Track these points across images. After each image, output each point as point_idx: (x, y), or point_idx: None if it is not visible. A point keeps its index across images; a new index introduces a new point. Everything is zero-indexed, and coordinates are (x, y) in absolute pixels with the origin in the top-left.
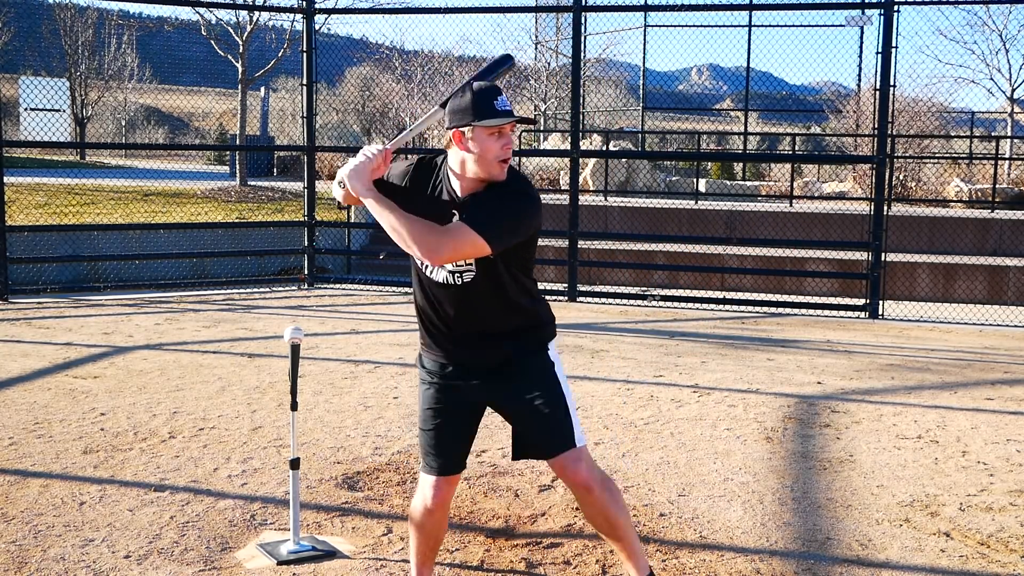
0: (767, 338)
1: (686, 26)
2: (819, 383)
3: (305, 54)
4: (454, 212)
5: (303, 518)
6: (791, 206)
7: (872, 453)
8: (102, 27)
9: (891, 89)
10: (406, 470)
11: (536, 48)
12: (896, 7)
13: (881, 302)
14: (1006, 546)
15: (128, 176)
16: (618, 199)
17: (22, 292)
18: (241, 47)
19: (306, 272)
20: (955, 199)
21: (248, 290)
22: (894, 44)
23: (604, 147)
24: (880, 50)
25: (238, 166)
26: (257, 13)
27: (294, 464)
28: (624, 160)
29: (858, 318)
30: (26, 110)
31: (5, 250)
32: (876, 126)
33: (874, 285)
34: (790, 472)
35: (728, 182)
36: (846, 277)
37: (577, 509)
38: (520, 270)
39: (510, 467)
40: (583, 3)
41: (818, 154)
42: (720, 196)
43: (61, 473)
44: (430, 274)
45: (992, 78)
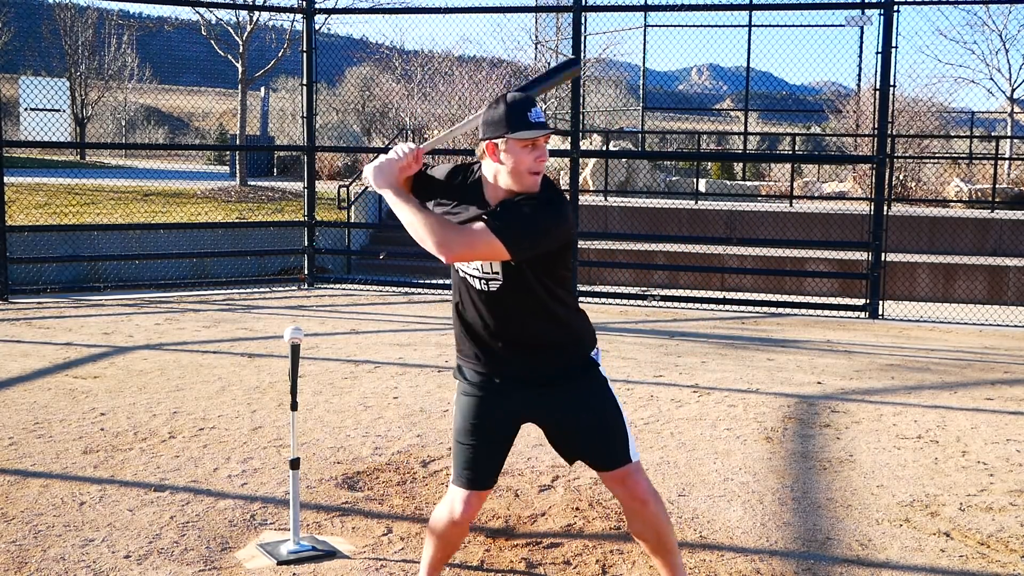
0: (767, 338)
1: (686, 26)
2: (819, 383)
3: (305, 54)
4: (483, 217)
5: (303, 518)
6: (791, 206)
7: (872, 453)
8: (102, 27)
9: (891, 89)
10: (406, 470)
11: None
12: (896, 7)
13: (881, 302)
14: (1006, 546)
15: (128, 176)
16: (618, 199)
17: (22, 292)
18: (241, 47)
19: (306, 272)
20: (955, 199)
21: (248, 290)
22: (894, 44)
23: (604, 147)
24: (880, 50)
25: (238, 166)
26: (257, 13)
27: (294, 464)
28: (624, 160)
29: (858, 318)
30: (26, 110)
31: (5, 250)
32: (876, 126)
33: (874, 285)
34: (790, 472)
35: (728, 182)
36: (846, 277)
37: (577, 509)
38: (554, 281)
39: (510, 467)
40: (583, 3)
41: (818, 154)
42: (720, 196)
43: (61, 473)
44: (468, 280)
45: (992, 78)
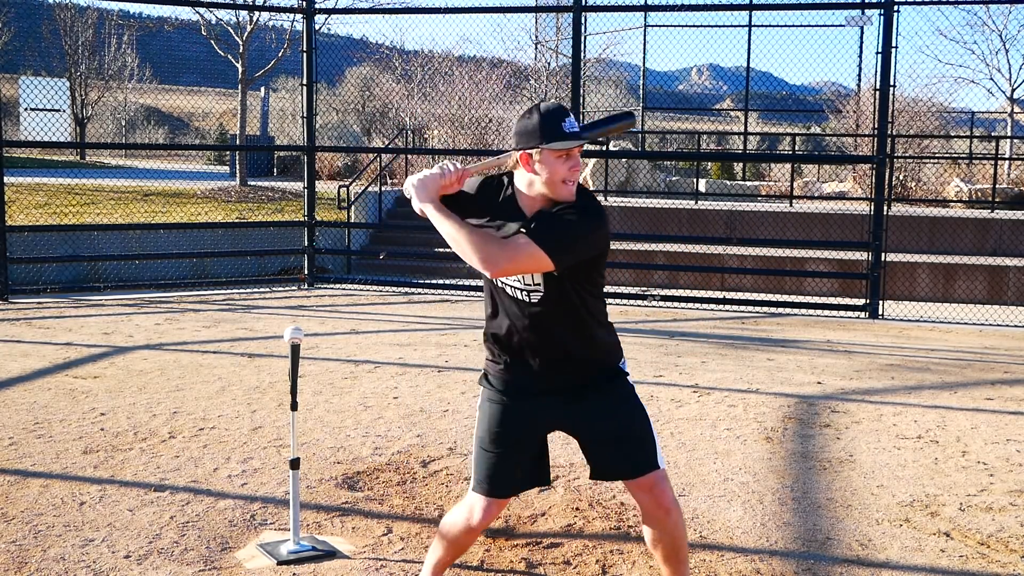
0: (767, 338)
1: (686, 26)
2: (819, 383)
3: (305, 54)
4: (521, 229)
5: (303, 518)
6: (791, 206)
7: (872, 453)
8: (102, 27)
9: (891, 89)
10: (406, 470)
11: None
12: (896, 7)
13: (881, 302)
14: (1006, 546)
15: (128, 176)
16: (618, 199)
17: (22, 292)
18: (241, 47)
19: (306, 272)
20: (955, 199)
21: (248, 290)
22: (894, 44)
23: (604, 147)
24: (880, 50)
25: (238, 166)
26: (257, 13)
27: (294, 464)
28: (624, 160)
29: (858, 318)
30: (26, 110)
31: (5, 250)
32: (876, 126)
33: (874, 285)
34: (790, 472)
35: (728, 182)
36: (846, 277)
37: (577, 509)
38: (591, 288)
39: None
40: (583, 3)
41: (818, 154)
42: (720, 196)
43: (61, 473)
44: (504, 289)
45: (992, 78)
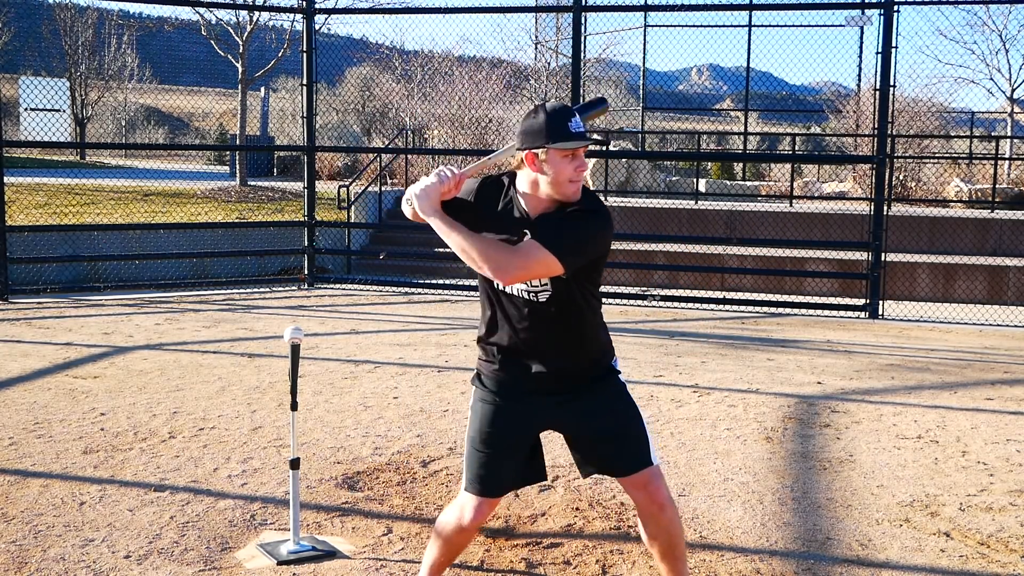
0: (767, 338)
1: (686, 26)
2: (819, 383)
3: (305, 54)
4: (525, 232)
5: (303, 518)
6: (791, 206)
7: (872, 453)
8: (102, 27)
9: (891, 89)
10: (406, 470)
11: (536, 48)
12: (896, 7)
13: (881, 302)
14: (1006, 546)
15: (128, 176)
16: (618, 199)
17: (22, 292)
18: (241, 47)
19: (306, 272)
20: (955, 199)
21: (248, 290)
22: (894, 44)
23: (604, 147)
24: (880, 50)
25: (238, 166)
26: (257, 13)
27: (294, 464)
28: (624, 160)
29: (858, 318)
30: (26, 110)
31: (5, 250)
32: (876, 126)
33: (874, 285)
34: (790, 472)
35: (728, 182)
36: (846, 277)
37: (577, 509)
38: (592, 287)
39: None
40: (583, 3)
41: (818, 154)
42: (720, 196)
43: (61, 473)
44: (506, 290)
45: (992, 78)
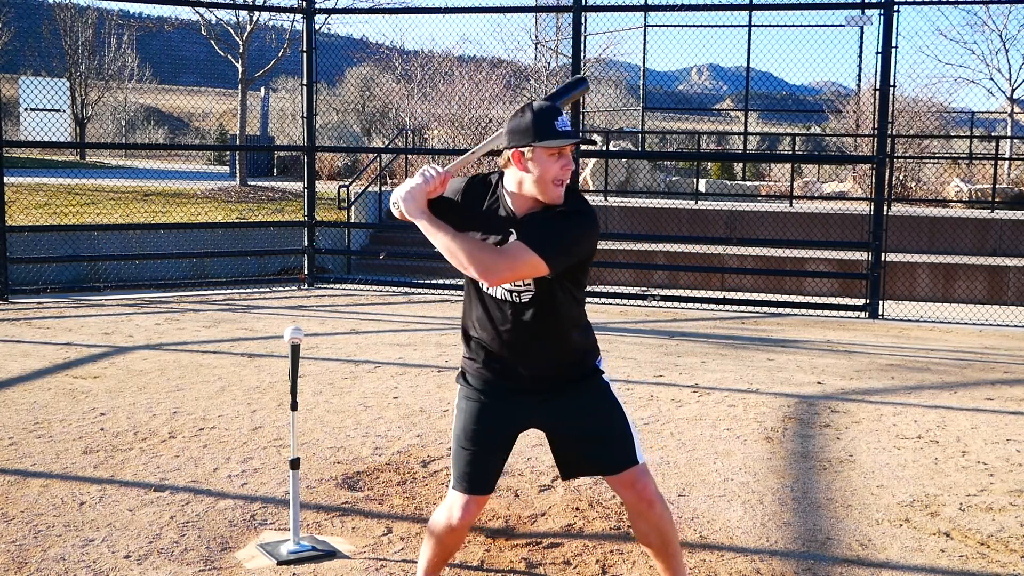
0: (767, 338)
1: (686, 26)
2: (819, 383)
3: (305, 54)
4: (511, 231)
5: (303, 518)
6: (791, 206)
7: (872, 453)
8: (102, 27)
9: (891, 89)
10: (406, 470)
11: (536, 48)
12: (896, 7)
13: (881, 302)
14: (1006, 546)
15: (128, 176)
16: (618, 199)
17: (22, 292)
18: (241, 47)
19: (306, 272)
20: (955, 199)
21: (248, 290)
22: (894, 44)
23: (604, 147)
24: (880, 50)
25: (238, 166)
26: (257, 13)
27: (294, 464)
28: (624, 160)
29: (858, 318)
30: (26, 110)
31: (5, 250)
32: (876, 126)
33: (874, 285)
34: (790, 472)
35: (728, 182)
36: (846, 277)
37: (577, 509)
38: (576, 288)
39: (510, 467)
40: (583, 3)
41: (818, 154)
42: (720, 196)
43: (61, 473)
44: (489, 291)
45: (992, 78)
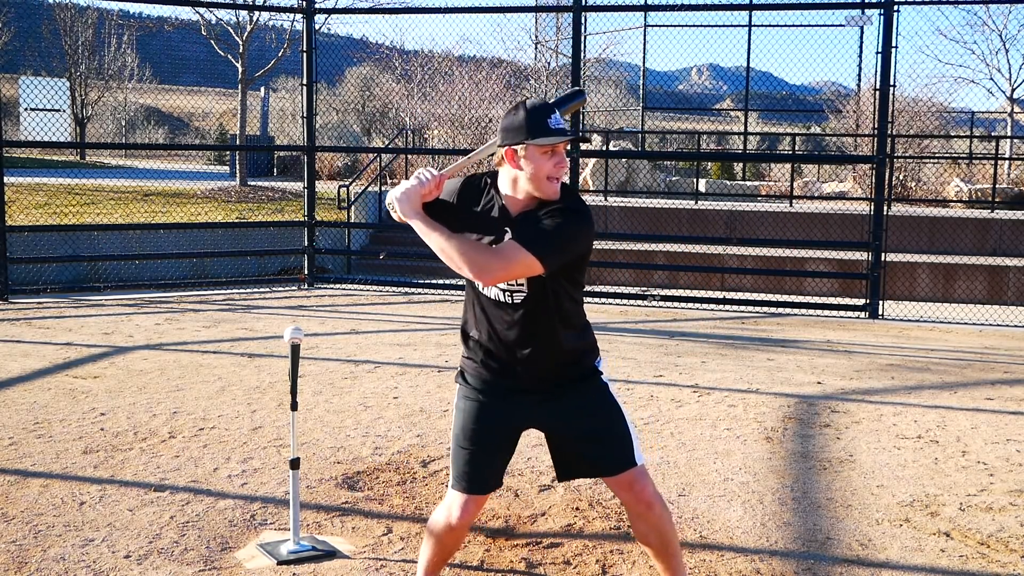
0: (767, 338)
1: (686, 26)
2: (819, 383)
3: (305, 54)
4: (506, 230)
5: (303, 518)
6: (791, 206)
7: (872, 453)
8: (102, 27)
9: (891, 89)
10: (406, 470)
11: (536, 48)
12: (896, 7)
13: (881, 302)
14: (1006, 546)
15: (128, 176)
16: (618, 199)
17: (22, 292)
18: (241, 47)
19: (306, 272)
20: (955, 199)
21: (248, 290)
22: (894, 44)
23: (604, 147)
24: (880, 50)
25: (238, 166)
26: (257, 13)
27: (294, 464)
28: (624, 160)
29: (858, 318)
30: (26, 110)
31: (5, 250)
32: (876, 126)
33: (874, 285)
34: (790, 472)
35: (728, 182)
36: (846, 277)
37: (577, 509)
38: (573, 287)
39: (510, 467)
40: (583, 3)
41: (818, 154)
42: (720, 196)
43: (61, 473)
44: (484, 291)
45: (992, 78)
